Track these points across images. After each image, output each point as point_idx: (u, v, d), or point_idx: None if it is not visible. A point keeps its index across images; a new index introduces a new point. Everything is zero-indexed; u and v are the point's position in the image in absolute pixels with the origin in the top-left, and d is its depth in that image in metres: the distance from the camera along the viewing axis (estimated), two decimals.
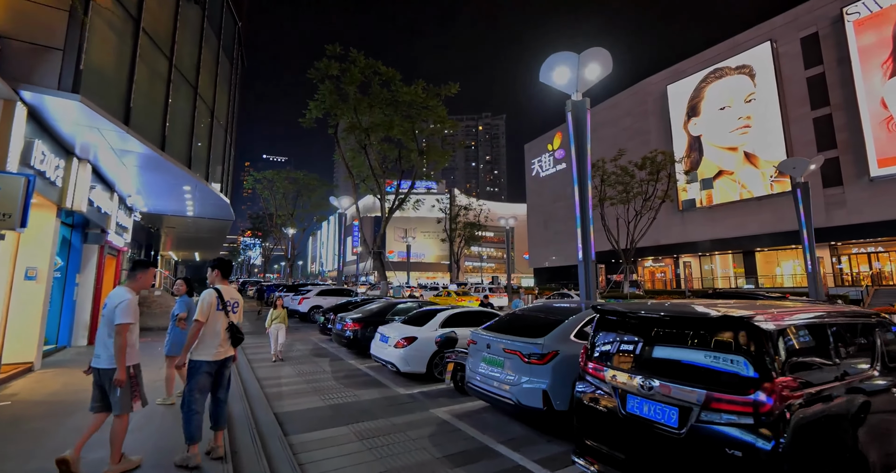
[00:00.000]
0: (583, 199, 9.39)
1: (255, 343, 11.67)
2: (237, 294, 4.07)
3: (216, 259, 4.04)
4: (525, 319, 5.85)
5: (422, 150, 16.25)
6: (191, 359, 3.72)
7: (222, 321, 3.79)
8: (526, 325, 5.58)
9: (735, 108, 33.62)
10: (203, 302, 3.74)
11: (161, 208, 12.14)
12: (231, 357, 3.96)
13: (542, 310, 6.03)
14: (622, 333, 3.64)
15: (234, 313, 3.93)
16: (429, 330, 7.76)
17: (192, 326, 3.68)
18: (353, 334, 9.57)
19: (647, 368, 3.22)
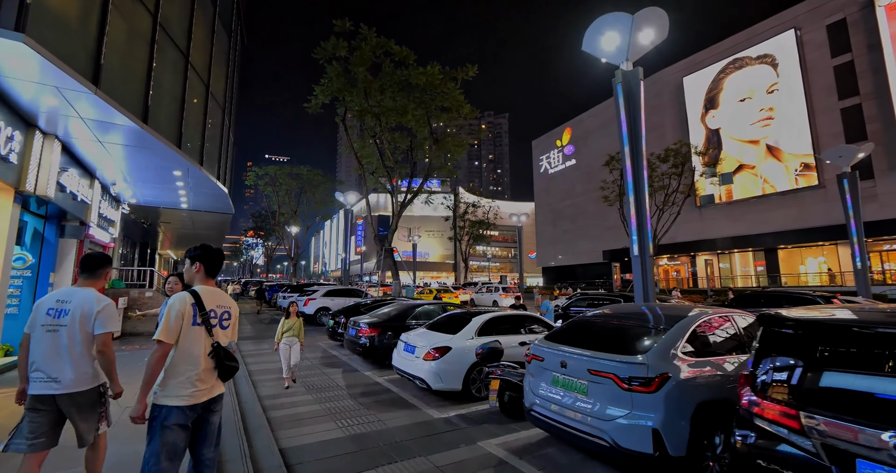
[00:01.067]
0: (638, 186, 8.09)
1: (257, 351, 10.41)
2: (229, 300, 2.73)
3: (197, 247, 2.70)
4: (600, 328, 4.55)
5: (437, 138, 14.96)
6: (154, 404, 2.40)
7: (202, 342, 2.48)
8: (606, 336, 4.30)
9: (756, 99, 32.22)
10: (169, 313, 2.42)
11: (152, 199, 10.90)
12: (219, 398, 2.64)
13: (618, 316, 4.74)
14: (823, 356, 2.34)
15: (222, 328, 2.61)
16: (464, 339, 6.48)
17: (153, 351, 2.40)
18: (370, 341, 8.30)
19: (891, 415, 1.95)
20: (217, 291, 2.65)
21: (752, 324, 4.64)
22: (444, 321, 7.35)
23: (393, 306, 9.78)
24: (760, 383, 2.57)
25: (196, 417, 2.47)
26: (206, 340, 2.48)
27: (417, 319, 8.92)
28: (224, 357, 2.51)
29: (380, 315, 9.10)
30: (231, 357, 2.57)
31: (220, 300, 2.63)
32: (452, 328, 6.79)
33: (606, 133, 46.06)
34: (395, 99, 14.09)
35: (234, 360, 2.60)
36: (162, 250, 24.81)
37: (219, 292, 2.66)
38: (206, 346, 2.48)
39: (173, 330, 2.39)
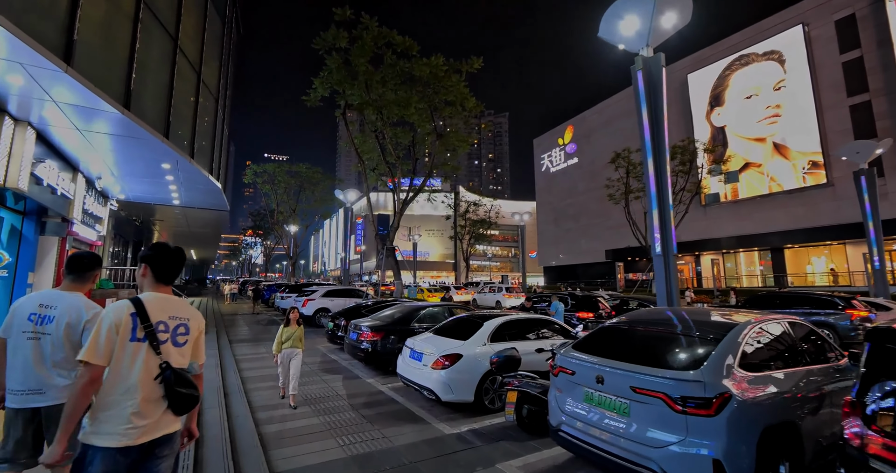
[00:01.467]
0: (660, 180, 7.56)
1: (251, 354, 9.87)
2: (187, 311, 2.13)
3: (150, 247, 2.15)
4: (636, 336, 4.02)
5: (440, 133, 14.39)
6: (82, 444, 1.82)
7: (144, 364, 1.89)
8: (645, 346, 3.77)
9: (763, 96, 31.72)
10: (100, 326, 1.87)
11: (142, 195, 10.36)
12: (168, 440, 1.99)
13: (655, 322, 4.21)
14: None
15: (176, 345, 2.02)
16: (476, 345, 5.95)
17: (79, 375, 1.83)
18: (372, 346, 7.77)
19: None
20: (171, 299, 2.09)
21: (807, 331, 4.12)
22: (453, 325, 6.82)
23: (396, 308, 9.25)
24: (872, 413, 2.04)
25: (132, 464, 1.85)
26: (152, 360, 1.90)
27: (422, 322, 8.40)
28: (176, 383, 1.91)
29: (382, 318, 8.57)
30: (187, 383, 1.96)
31: (174, 309, 2.05)
32: (462, 334, 6.26)
33: (610, 131, 45.57)
34: (396, 92, 13.55)
35: (193, 386, 1.98)
36: None
37: (174, 301, 2.09)
38: (151, 368, 1.89)
39: (104, 348, 1.83)
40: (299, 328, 6.12)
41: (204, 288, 51.50)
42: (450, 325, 6.85)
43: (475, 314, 7.00)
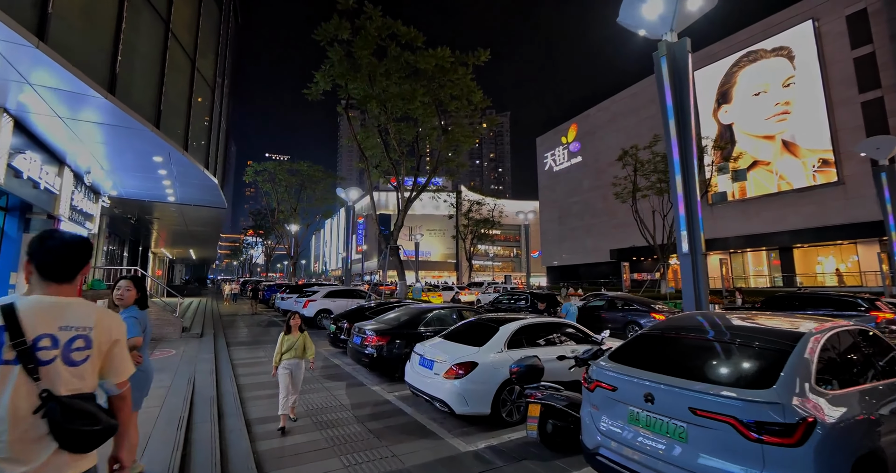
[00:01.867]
0: (686, 172, 7.07)
1: (248, 359, 9.39)
2: (90, 316, 1.55)
3: (35, 236, 1.58)
4: (684, 345, 3.53)
5: (446, 128, 13.90)
6: None
7: (10, 395, 1.35)
8: (697, 358, 3.28)
9: (772, 93, 31.16)
10: None
11: (135, 191, 9.89)
12: None
13: (701, 328, 3.72)
14: None
15: (70, 364, 1.47)
16: (492, 352, 5.47)
17: None
18: (377, 351, 7.28)
19: None
20: (66, 303, 1.54)
21: (874, 339, 3.62)
22: (465, 329, 6.33)
23: (402, 310, 8.76)
24: None
25: None
26: (25, 388, 1.38)
27: (430, 325, 7.91)
28: (65, 418, 1.39)
29: (388, 321, 8.08)
30: (83, 415, 1.43)
31: (70, 317, 1.51)
32: (476, 339, 5.77)
33: (615, 129, 45.03)
34: (401, 86, 13.04)
35: (92, 419, 1.45)
36: (156, 248, 23.79)
37: (71, 306, 1.54)
38: (26, 399, 1.37)
39: None
40: (302, 335, 5.23)
41: (204, 288, 51.11)
42: (462, 329, 6.36)
43: (488, 318, 6.51)
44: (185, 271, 55.13)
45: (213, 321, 15.36)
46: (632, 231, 41.98)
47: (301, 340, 5.20)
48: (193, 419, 4.80)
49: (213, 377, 6.66)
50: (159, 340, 10.24)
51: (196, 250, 25.71)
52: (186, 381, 6.27)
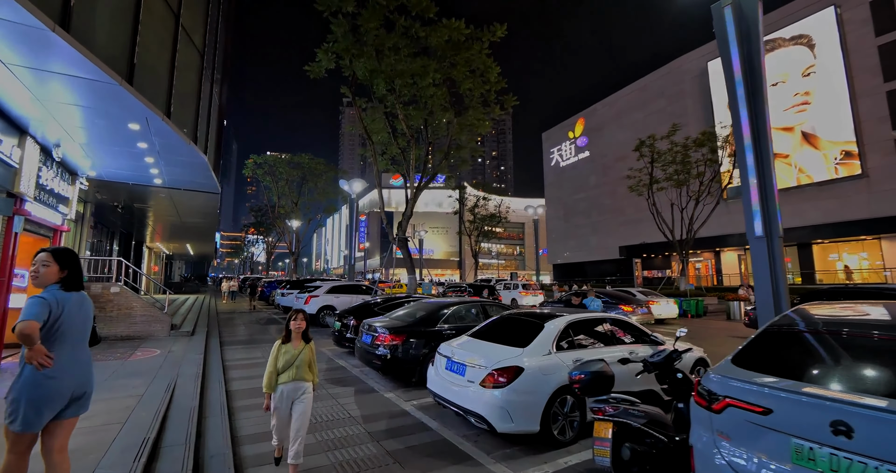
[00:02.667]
0: (759, 145, 6.03)
1: (243, 360, 8.35)
2: None
3: None
4: (857, 347, 2.46)
5: (459, 110, 12.81)
6: None
7: None
8: (883, 367, 2.22)
9: (791, 83, 30.01)
10: None
11: (116, 172, 8.84)
12: None
13: (872, 324, 2.66)
14: None
15: None
16: (538, 354, 4.41)
17: None
18: (391, 351, 6.24)
19: None
20: None
21: None
22: (499, 326, 5.29)
23: (416, 305, 7.71)
24: None
25: None
26: None
27: (450, 322, 6.86)
28: None
29: (402, 318, 7.03)
30: None
31: None
32: (515, 338, 4.72)
33: (623, 123, 43.93)
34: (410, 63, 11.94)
35: None
36: (151, 243, 22.78)
37: None
38: None
39: None
40: (307, 346, 3.52)
41: (204, 285, 50.14)
42: (495, 327, 5.31)
43: (526, 312, 5.45)
44: (184, 269, 54.18)
45: (207, 318, 14.34)
46: (642, 228, 40.98)
47: (305, 354, 3.45)
48: (163, 440, 3.76)
49: (197, 383, 5.62)
50: (144, 338, 9.21)
51: (193, 245, 24.68)
52: (165, 388, 5.23)
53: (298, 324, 3.50)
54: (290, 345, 3.46)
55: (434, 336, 6.50)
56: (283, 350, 3.43)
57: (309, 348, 3.52)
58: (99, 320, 8.95)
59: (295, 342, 3.48)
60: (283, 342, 3.48)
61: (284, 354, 3.41)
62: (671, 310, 16.16)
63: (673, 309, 16.29)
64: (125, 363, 6.87)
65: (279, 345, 3.46)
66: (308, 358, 3.47)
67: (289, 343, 3.47)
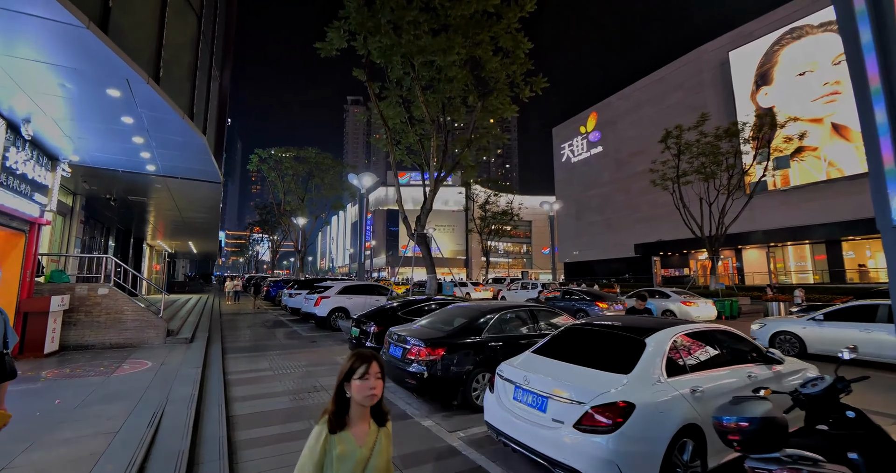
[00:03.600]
0: None
1: (247, 372, 7.25)
2: None
3: None
4: None
5: (484, 92, 11.61)
6: None
7: None
8: None
9: (819, 72, 28.57)
10: None
11: (102, 157, 7.75)
12: None
13: None
14: None
15: None
16: (647, 381, 3.26)
17: None
18: (429, 369, 5.10)
19: None
20: None
21: None
22: (571, 340, 4.13)
23: (450, 310, 6.57)
24: None
25: None
26: None
27: (495, 331, 5.71)
28: None
29: (437, 326, 5.89)
30: None
31: None
32: (603, 358, 3.57)
33: (639, 116, 42.56)
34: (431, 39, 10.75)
35: None
36: (152, 240, 21.78)
37: None
38: None
39: None
40: (381, 432, 1.66)
41: (208, 285, 49.27)
42: (568, 341, 4.16)
43: (607, 322, 4.28)
44: (188, 268, 53.34)
45: (210, 321, 13.27)
46: (657, 225, 39.65)
47: (381, 455, 1.62)
48: None
49: (191, 411, 4.51)
50: (136, 346, 8.13)
51: (196, 242, 23.65)
52: (148, 420, 4.12)
53: (372, 387, 1.58)
54: (348, 435, 1.57)
55: (479, 349, 5.36)
56: (336, 448, 1.54)
57: (385, 436, 1.68)
58: (85, 325, 7.88)
59: (358, 426, 1.61)
60: (334, 428, 1.57)
61: (342, 459, 1.54)
62: (709, 312, 14.96)
63: (711, 311, 15.09)
64: (108, 379, 5.78)
65: (325, 436, 1.55)
66: (385, 463, 1.65)
67: (346, 431, 1.58)
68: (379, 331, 7.32)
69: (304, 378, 6.76)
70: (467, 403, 5.16)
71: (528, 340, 5.80)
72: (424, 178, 13.07)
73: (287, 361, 8.11)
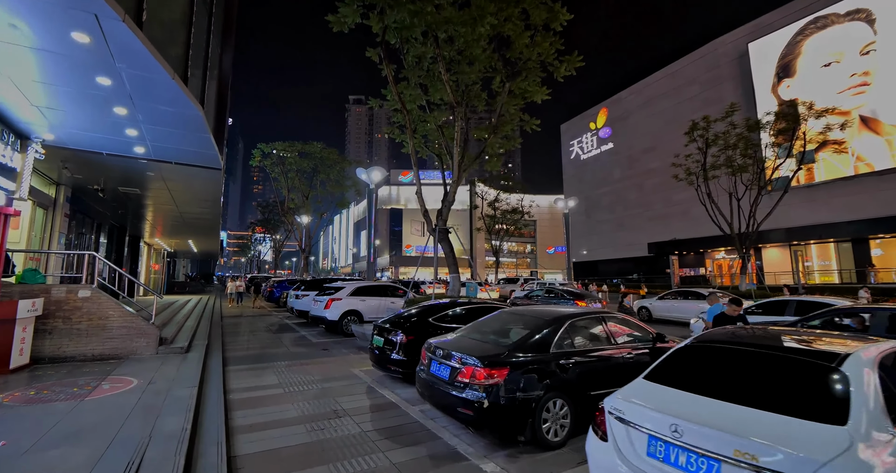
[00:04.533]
0: None
1: (253, 390, 6.13)
2: None
3: None
4: None
5: (514, 71, 10.34)
6: None
7: None
8: None
9: (846, 63, 27.34)
10: None
11: (81, 135, 6.62)
12: None
13: None
14: None
15: None
16: (877, 439, 2.07)
17: None
18: (490, 395, 3.96)
19: None
20: None
21: None
22: (715, 366, 2.97)
23: (503, 316, 5.44)
24: None
25: None
26: None
27: (566, 345, 4.54)
28: None
29: (493, 338, 4.75)
30: None
31: None
32: (780, 396, 2.42)
33: (651, 112, 41.33)
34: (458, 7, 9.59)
35: None
36: (150, 238, 20.68)
37: None
38: None
39: None
40: None
41: (210, 285, 48.19)
42: (703, 363, 3.00)
43: (759, 341, 3.11)
44: (189, 267, 52.26)
45: (210, 326, 12.15)
46: (671, 222, 38.40)
47: None
48: None
49: (181, 453, 3.36)
50: (122, 358, 6.99)
51: (196, 241, 22.52)
52: (124, 468, 2.97)
53: None
54: None
55: (549, 368, 4.22)
56: None
57: None
58: (63, 334, 6.75)
59: None
60: None
61: None
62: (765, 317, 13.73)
63: None
64: (80, 404, 4.64)
65: None
66: None
67: None
68: (408, 341, 6.18)
69: (319, 399, 5.63)
70: (536, 438, 4.01)
71: (609, 356, 4.66)
72: (446, 177, 11.81)
73: (298, 374, 6.98)
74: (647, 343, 5.14)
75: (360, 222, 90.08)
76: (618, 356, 4.73)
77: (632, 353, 4.85)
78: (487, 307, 7.26)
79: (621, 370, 4.51)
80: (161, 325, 8.76)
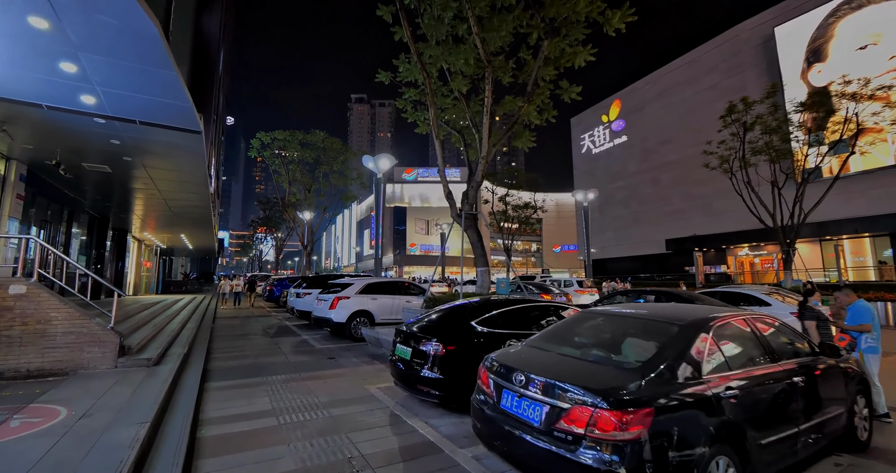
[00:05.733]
0: None
1: (236, 420, 4.51)
2: None
3: None
4: None
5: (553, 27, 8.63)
6: None
7: None
8: None
9: (885, 45, 25.49)
10: None
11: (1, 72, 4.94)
12: None
13: None
14: None
15: None
16: None
17: None
18: (627, 458, 2.25)
19: None
20: None
21: None
22: None
23: (595, 319, 3.78)
24: None
25: None
26: None
27: (731, 366, 2.85)
28: None
29: (597, 355, 3.08)
30: None
31: None
32: None
33: (666, 104, 39.52)
34: None
35: None
36: (140, 232, 19.06)
37: None
38: None
39: None
40: None
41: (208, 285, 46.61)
42: None
43: None
44: (188, 266, 50.72)
45: (197, 329, 10.52)
46: (691, 217, 36.56)
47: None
48: None
49: None
50: (67, 374, 5.35)
51: (189, 236, 20.88)
52: None
53: None
54: None
55: (710, 408, 2.53)
56: None
57: None
58: None
59: None
60: None
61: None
62: None
63: None
64: None
65: None
66: None
67: None
68: (447, 353, 4.52)
69: (327, 435, 3.97)
70: None
71: (775, 379, 2.99)
72: (472, 169, 10.05)
73: (297, 394, 5.34)
74: (810, 357, 3.47)
75: (363, 221, 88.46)
76: (786, 380, 3.06)
77: (800, 373, 3.18)
78: (544, 306, 5.59)
79: (792, 401, 2.84)
80: (129, 330, 7.12)
